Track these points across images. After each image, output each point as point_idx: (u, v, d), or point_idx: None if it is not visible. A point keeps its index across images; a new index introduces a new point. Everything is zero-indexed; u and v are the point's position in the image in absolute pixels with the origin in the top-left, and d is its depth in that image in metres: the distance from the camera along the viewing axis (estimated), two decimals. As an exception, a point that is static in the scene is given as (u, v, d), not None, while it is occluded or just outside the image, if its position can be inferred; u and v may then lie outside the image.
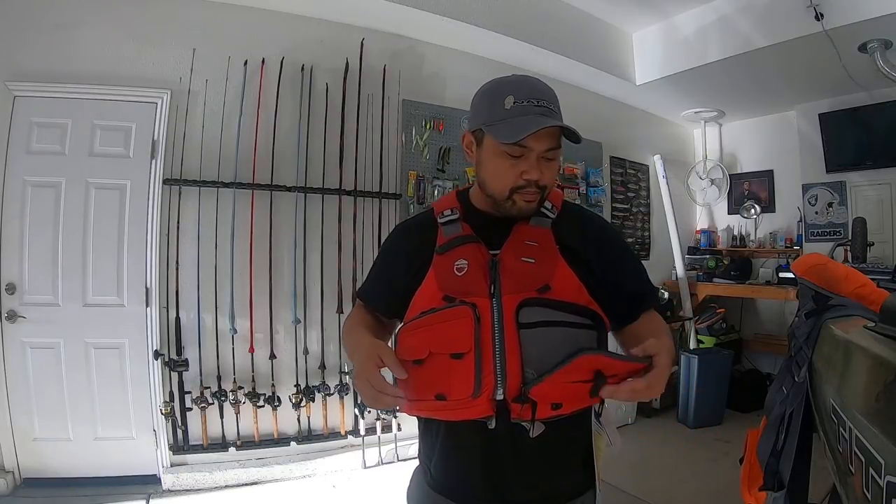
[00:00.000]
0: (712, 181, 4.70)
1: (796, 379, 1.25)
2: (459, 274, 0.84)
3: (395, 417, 2.84)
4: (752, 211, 4.51)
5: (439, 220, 0.92)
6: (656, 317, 0.93)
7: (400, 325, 0.88)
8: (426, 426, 0.92)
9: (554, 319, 0.79)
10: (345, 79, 2.86)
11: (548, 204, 0.91)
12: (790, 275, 3.53)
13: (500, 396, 0.77)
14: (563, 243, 0.88)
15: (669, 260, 4.44)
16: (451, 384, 0.77)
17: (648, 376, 0.71)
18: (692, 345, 4.07)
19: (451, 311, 0.80)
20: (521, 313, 0.79)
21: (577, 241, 0.89)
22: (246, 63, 2.65)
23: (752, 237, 4.54)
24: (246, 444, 2.62)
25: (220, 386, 2.56)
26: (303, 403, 2.67)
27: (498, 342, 0.78)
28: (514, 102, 0.82)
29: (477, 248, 0.86)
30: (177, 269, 2.51)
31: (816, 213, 4.04)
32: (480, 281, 0.82)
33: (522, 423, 0.79)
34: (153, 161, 2.53)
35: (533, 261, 0.84)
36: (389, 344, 0.93)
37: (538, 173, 0.84)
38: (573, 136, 0.84)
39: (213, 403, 2.54)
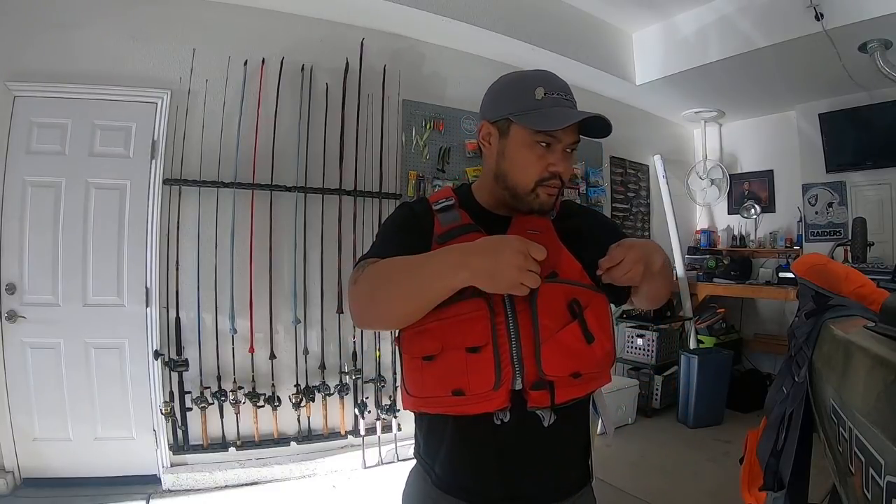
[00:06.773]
0: (712, 181, 4.70)
1: (796, 379, 1.25)
2: None
3: (395, 417, 2.84)
4: (752, 211, 4.51)
5: (434, 207, 0.91)
6: None
7: None
8: (430, 424, 0.88)
9: None
10: (345, 79, 2.86)
11: None
12: (790, 275, 3.54)
13: (518, 386, 0.77)
14: (561, 232, 0.89)
15: (669, 260, 4.44)
16: (469, 378, 0.76)
17: (616, 248, 0.75)
18: (692, 345, 4.07)
19: (465, 304, 0.77)
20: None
21: (576, 230, 0.91)
22: (246, 63, 2.65)
23: (752, 237, 4.55)
24: (246, 444, 2.63)
25: (220, 386, 2.56)
26: (303, 403, 2.68)
27: (513, 332, 0.78)
28: (545, 94, 0.84)
29: (479, 237, 0.82)
30: (177, 269, 2.52)
31: (816, 213, 4.04)
32: None
33: (538, 412, 0.79)
34: (153, 161, 2.53)
35: None
36: (392, 340, 0.92)
37: (564, 166, 0.86)
38: (601, 132, 0.88)
39: (213, 403, 2.54)
